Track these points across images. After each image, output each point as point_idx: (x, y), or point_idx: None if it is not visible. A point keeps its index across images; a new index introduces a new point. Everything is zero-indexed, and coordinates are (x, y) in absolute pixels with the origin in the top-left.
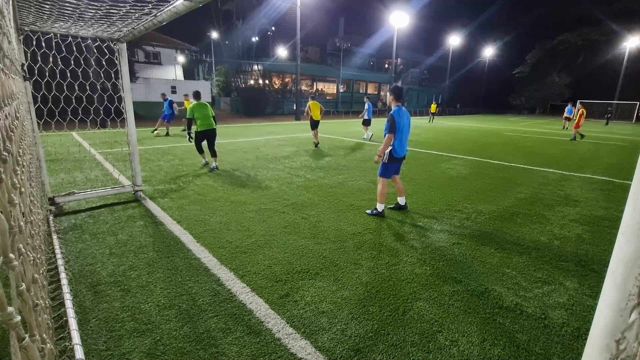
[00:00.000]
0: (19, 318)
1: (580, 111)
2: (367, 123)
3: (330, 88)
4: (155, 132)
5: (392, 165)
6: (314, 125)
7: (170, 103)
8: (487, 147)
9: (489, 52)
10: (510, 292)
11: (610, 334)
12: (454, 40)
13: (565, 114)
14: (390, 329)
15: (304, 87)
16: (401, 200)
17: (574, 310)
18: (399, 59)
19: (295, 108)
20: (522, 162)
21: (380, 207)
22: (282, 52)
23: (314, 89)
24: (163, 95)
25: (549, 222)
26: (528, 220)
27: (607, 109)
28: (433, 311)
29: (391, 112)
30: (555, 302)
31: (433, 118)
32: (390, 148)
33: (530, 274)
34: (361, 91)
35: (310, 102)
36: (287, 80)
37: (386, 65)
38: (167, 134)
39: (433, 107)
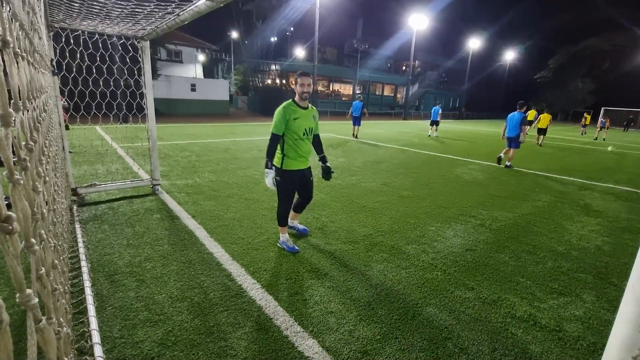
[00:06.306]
0: (36, 300)
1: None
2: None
3: (346, 89)
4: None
5: None
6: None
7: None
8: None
9: (509, 55)
10: (524, 302)
11: (627, 350)
12: (474, 43)
13: (600, 124)
14: (398, 333)
15: (320, 88)
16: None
17: (590, 323)
18: (416, 61)
19: None
20: (541, 169)
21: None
22: (299, 52)
23: (330, 89)
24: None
25: (567, 232)
26: (545, 229)
27: (628, 117)
28: (443, 317)
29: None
30: (571, 314)
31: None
32: None
33: (545, 285)
34: (377, 93)
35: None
36: None
37: (403, 68)
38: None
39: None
